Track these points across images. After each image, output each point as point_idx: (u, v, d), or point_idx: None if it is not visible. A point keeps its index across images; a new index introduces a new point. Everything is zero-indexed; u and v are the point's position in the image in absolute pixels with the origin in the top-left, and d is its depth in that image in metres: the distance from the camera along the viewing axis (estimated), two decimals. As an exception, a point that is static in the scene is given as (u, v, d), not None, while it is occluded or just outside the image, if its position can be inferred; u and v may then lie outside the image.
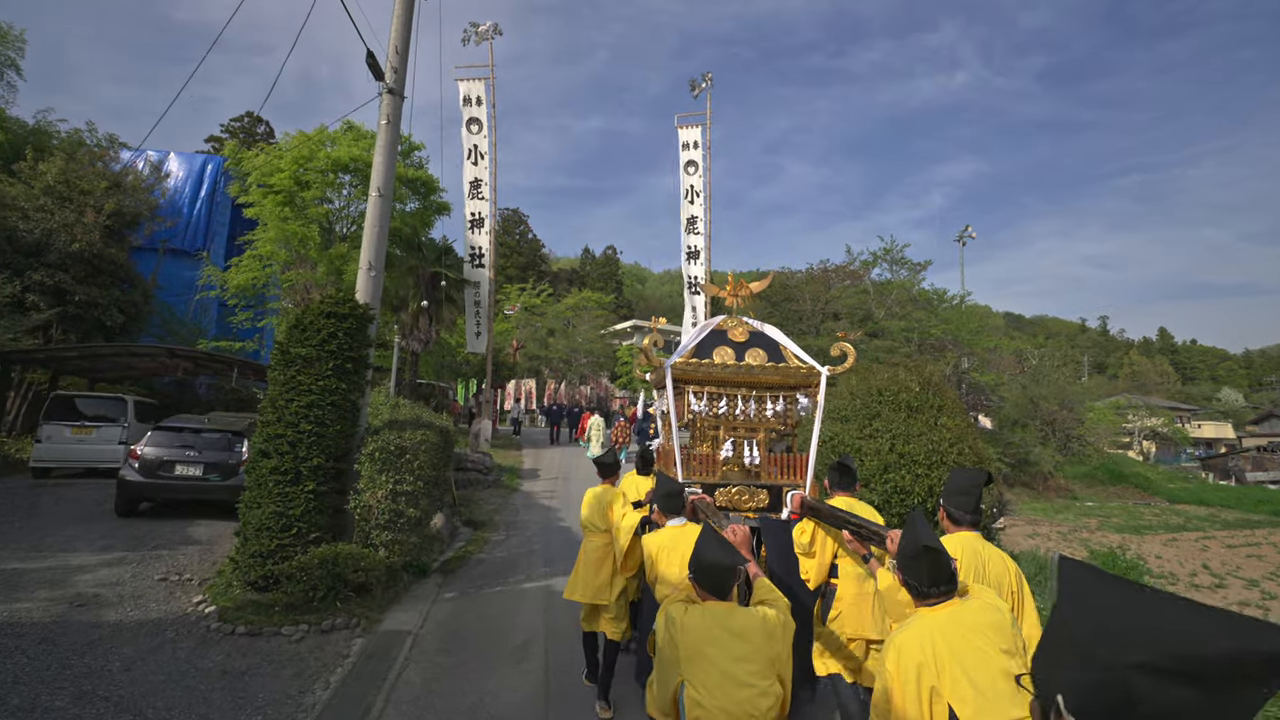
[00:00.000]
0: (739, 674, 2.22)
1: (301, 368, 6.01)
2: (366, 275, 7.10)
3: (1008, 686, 1.80)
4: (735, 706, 2.18)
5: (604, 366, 37.68)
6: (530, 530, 10.26)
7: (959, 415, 8.27)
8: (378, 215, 7.22)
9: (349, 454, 6.24)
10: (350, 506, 6.06)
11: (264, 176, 16.83)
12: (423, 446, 6.41)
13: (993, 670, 1.84)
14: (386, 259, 19.78)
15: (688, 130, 23.77)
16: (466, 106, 21.49)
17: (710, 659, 2.24)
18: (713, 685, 2.21)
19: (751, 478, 4.75)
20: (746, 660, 2.24)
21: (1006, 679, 1.81)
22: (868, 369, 9.25)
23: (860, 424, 8.18)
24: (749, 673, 2.22)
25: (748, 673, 2.22)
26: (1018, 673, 1.80)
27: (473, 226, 21.04)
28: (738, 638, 2.27)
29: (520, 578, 7.48)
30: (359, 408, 6.51)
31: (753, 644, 2.26)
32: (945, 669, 1.88)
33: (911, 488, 7.49)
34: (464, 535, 9.93)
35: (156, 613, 5.49)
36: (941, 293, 28.56)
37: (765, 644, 2.27)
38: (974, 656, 1.87)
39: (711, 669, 2.22)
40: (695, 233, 23.22)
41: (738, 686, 2.20)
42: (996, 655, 1.87)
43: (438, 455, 7.14)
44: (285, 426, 5.87)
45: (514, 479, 15.11)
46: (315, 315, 6.17)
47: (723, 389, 4.80)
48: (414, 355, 19.79)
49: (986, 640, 1.90)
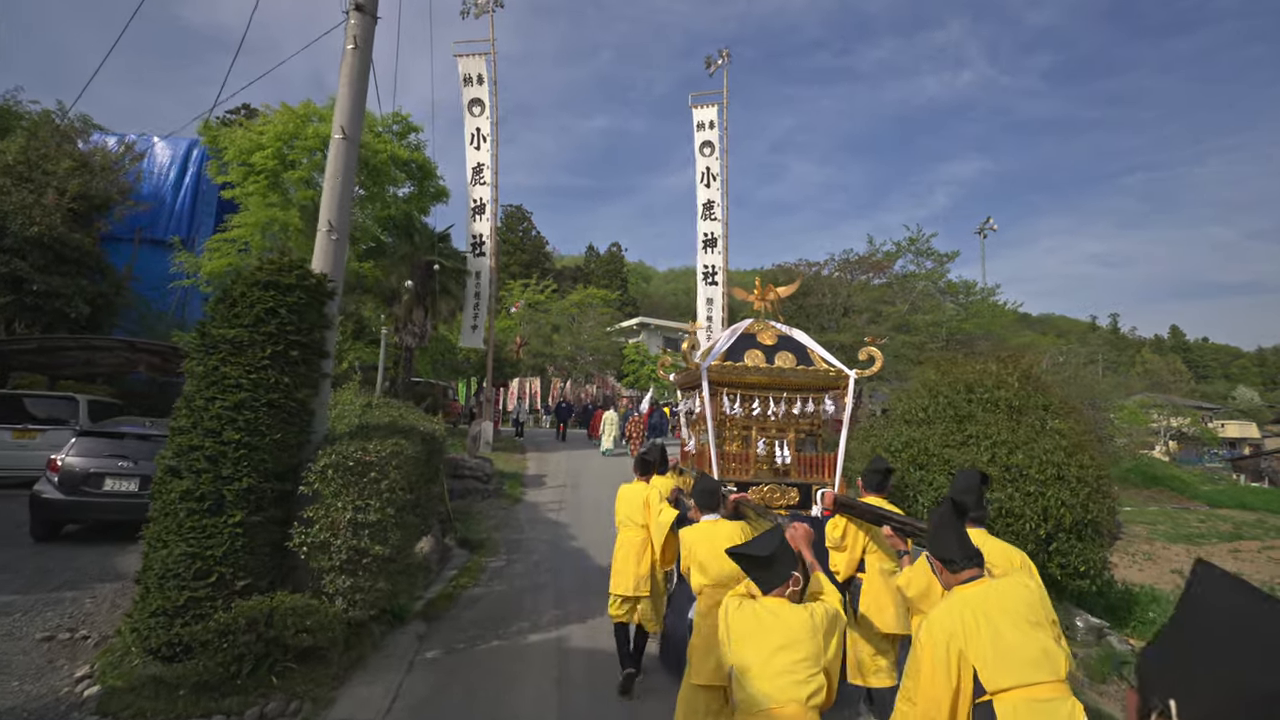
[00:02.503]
0: (779, 664, 2.28)
1: (228, 355, 4.43)
2: (326, 239, 5.53)
3: (1033, 653, 1.94)
4: (778, 693, 2.24)
5: (610, 365, 36.08)
6: (536, 553, 8.68)
7: (1070, 416, 6.66)
8: (342, 163, 5.65)
9: (296, 471, 4.66)
10: (296, 543, 4.49)
11: (244, 155, 15.30)
12: (395, 461, 4.82)
13: (1018, 638, 1.96)
14: (378, 246, 18.32)
15: (702, 110, 22.13)
16: (467, 86, 19.93)
17: (755, 650, 2.33)
18: (755, 674, 2.29)
19: (782, 476, 4.92)
20: (788, 650, 2.29)
21: (1032, 647, 1.94)
22: (951, 361, 7.63)
23: (947, 428, 6.58)
24: (791, 663, 2.28)
25: (790, 663, 2.28)
26: (1045, 644, 1.96)
27: (474, 214, 19.49)
28: (782, 629, 2.34)
29: (524, 624, 5.90)
30: (311, 410, 4.94)
31: (796, 637, 2.32)
32: (972, 637, 2.02)
33: (1022, 510, 5.88)
34: (457, 559, 8.36)
35: (16, 696, 3.92)
36: (971, 285, 26.88)
37: (809, 639, 2.32)
38: (1001, 625, 2.01)
39: (755, 659, 2.32)
40: (712, 219, 21.59)
41: (778, 674, 2.26)
42: (1023, 625, 2.02)
43: (420, 470, 5.55)
44: (204, 435, 4.30)
45: (516, 487, 13.54)
46: (248, 286, 4.60)
47: (754, 391, 4.88)
48: (408, 351, 18.24)
49: (1015, 612, 2.05)
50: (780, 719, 2.19)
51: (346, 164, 5.70)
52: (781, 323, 5.43)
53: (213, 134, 16.29)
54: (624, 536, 4.71)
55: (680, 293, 71.06)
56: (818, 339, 19.45)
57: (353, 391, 7.83)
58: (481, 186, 19.30)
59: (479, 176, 19.32)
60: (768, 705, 2.21)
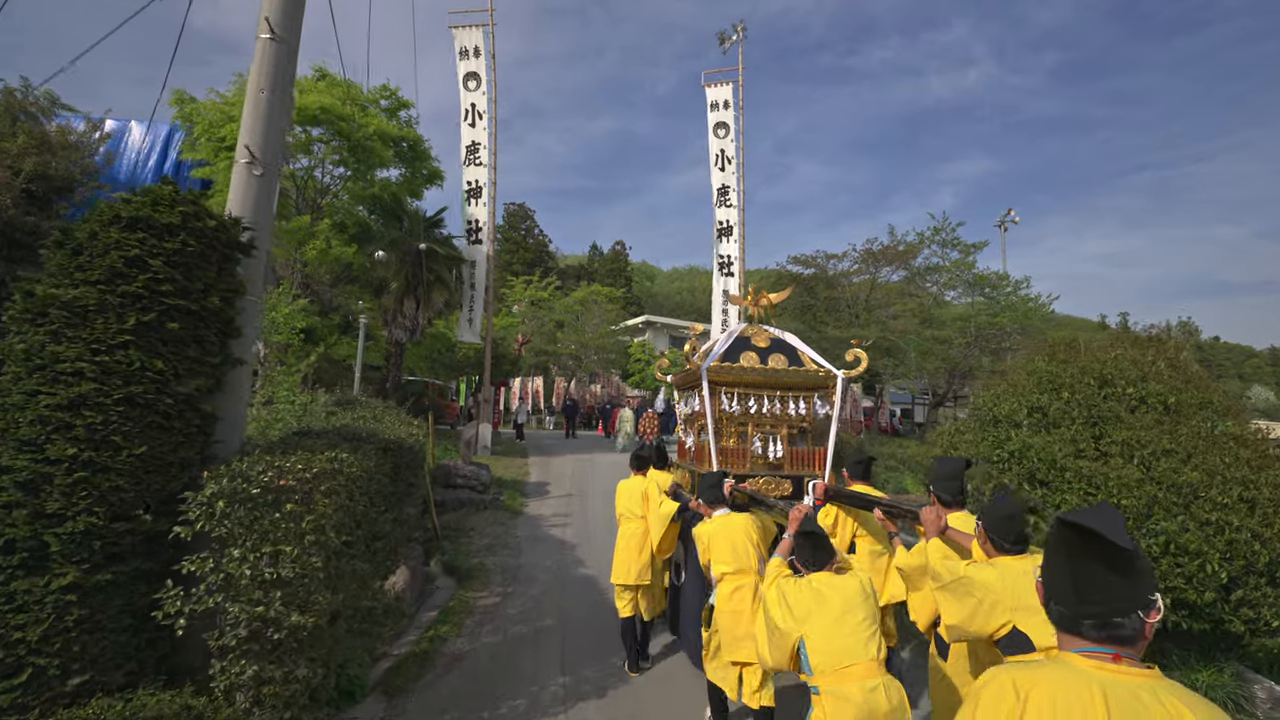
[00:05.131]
0: (847, 627, 2.65)
1: (63, 327, 2.90)
2: (246, 174, 3.99)
3: None
4: (850, 651, 2.60)
5: (615, 364, 34.50)
6: (537, 584, 7.13)
7: (1239, 417, 5.07)
8: (270, 71, 4.11)
9: (175, 503, 3.12)
10: (166, 613, 2.95)
11: (214, 128, 13.81)
12: (327, 485, 3.26)
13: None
14: (365, 232, 16.76)
15: (716, 89, 20.55)
16: (463, 60, 18.39)
17: (821, 619, 2.68)
18: (828, 638, 2.64)
19: (776, 469, 5.21)
20: (851, 614, 2.68)
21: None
22: (1070, 347, 6.04)
23: (1077, 433, 4.99)
24: (855, 624, 2.66)
25: (855, 624, 2.66)
26: None
27: (470, 197, 17.94)
28: (839, 598, 2.72)
29: (520, 703, 4.34)
30: (210, 412, 3.39)
31: (854, 603, 2.71)
32: (1012, 599, 2.38)
33: (1199, 547, 4.30)
34: (440, 594, 6.82)
35: None
36: (1004, 277, 25.10)
37: (864, 603, 2.73)
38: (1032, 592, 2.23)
39: (823, 626, 2.67)
40: (727, 205, 20.00)
41: (848, 635, 2.63)
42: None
43: (376, 494, 4.01)
44: (16, 451, 2.76)
45: (516, 497, 11.98)
46: (102, 224, 3.06)
47: (750, 390, 5.20)
48: (399, 346, 16.71)
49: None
50: (855, 674, 2.58)
51: (276, 73, 4.16)
52: (773, 325, 5.81)
53: (187, 108, 14.79)
54: (625, 529, 5.01)
55: (684, 292, 69.64)
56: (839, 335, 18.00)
57: (288, 387, 6.26)
58: (477, 167, 17.77)
59: (474, 156, 17.78)
60: (846, 662, 2.59)
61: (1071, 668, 1.29)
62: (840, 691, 2.53)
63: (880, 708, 2.49)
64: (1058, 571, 1.39)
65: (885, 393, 28.90)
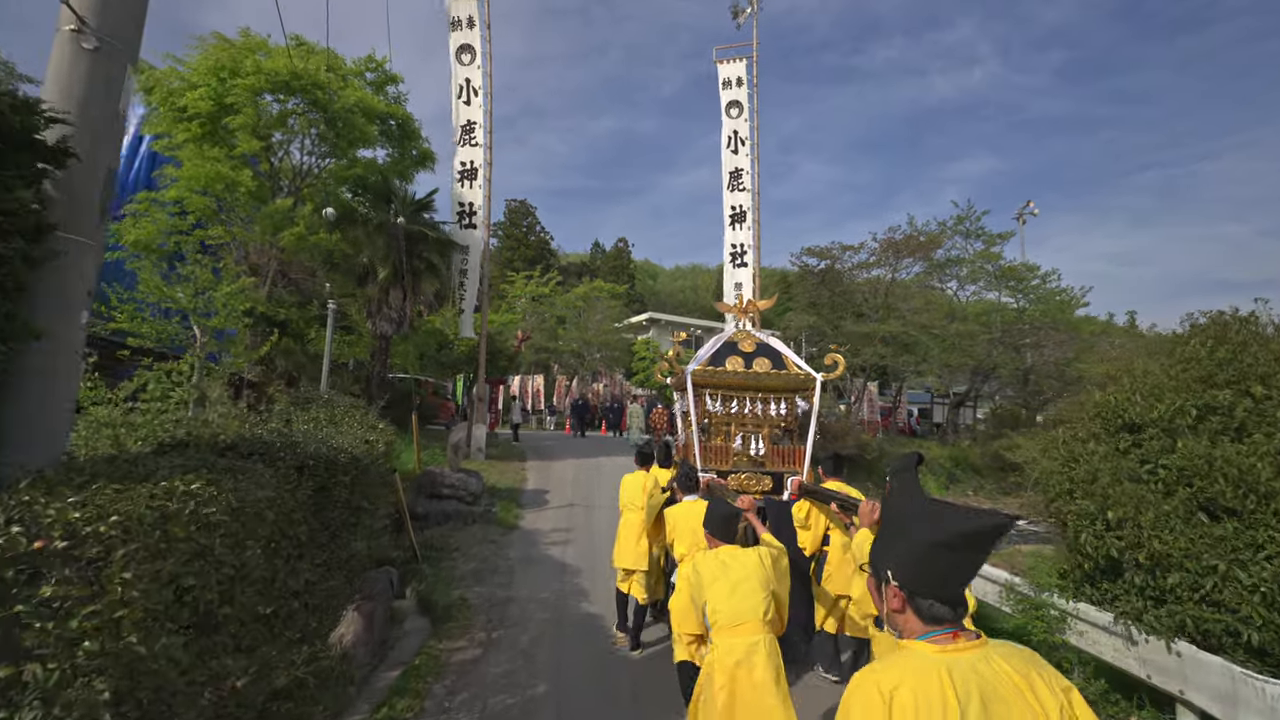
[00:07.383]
0: (742, 590, 3.01)
1: None
2: (72, 45, 2.56)
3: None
4: (740, 613, 2.97)
5: (619, 362, 33.10)
6: (528, 629, 5.70)
7: None
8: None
9: None
10: None
11: (172, 96, 12.44)
12: (136, 547, 1.85)
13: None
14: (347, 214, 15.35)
15: (729, 65, 19.09)
16: (456, 30, 17.00)
17: (720, 581, 3.06)
18: (723, 597, 3.01)
19: (758, 466, 5.53)
20: (745, 580, 3.04)
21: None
22: (1200, 342, 4.58)
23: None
24: (748, 589, 3.01)
25: (748, 589, 3.01)
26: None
27: (463, 179, 16.55)
28: (739, 567, 3.10)
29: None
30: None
31: (749, 569, 3.08)
32: None
33: None
34: (409, 639, 5.42)
35: None
36: (1034, 267, 23.63)
37: (758, 569, 3.08)
38: None
39: (721, 588, 3.04)
40: (740, 189, 18.53)
41: (741, 598, 2.99)
42: None
43: (273, 537, 2.59)
44: None
45: (511, 509, 10.58)
46: None
47: (734, 392, 5.57)
48: (384, 340, 15.32)
49: None
50: (744, 631, 2.94)
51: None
52: (758, 329, 6.12)
53: (145, 76, 13.39)
54: (626, 518, 5.36)
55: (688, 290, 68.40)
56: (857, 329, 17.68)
57: (186, 386, 4.90)
58: (472, 148, 16.38)
59: (469, 136, 16.39)
60: (736, 621, 2.95)
61: (921, 656, 1.41)
62: (728, 644, 2.93)
63: (759, 656, 2.88)
64: (930, 565, 1.46)
65: (903, 392, 27.48)
